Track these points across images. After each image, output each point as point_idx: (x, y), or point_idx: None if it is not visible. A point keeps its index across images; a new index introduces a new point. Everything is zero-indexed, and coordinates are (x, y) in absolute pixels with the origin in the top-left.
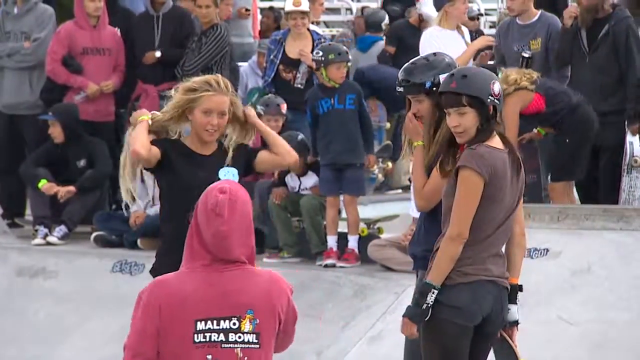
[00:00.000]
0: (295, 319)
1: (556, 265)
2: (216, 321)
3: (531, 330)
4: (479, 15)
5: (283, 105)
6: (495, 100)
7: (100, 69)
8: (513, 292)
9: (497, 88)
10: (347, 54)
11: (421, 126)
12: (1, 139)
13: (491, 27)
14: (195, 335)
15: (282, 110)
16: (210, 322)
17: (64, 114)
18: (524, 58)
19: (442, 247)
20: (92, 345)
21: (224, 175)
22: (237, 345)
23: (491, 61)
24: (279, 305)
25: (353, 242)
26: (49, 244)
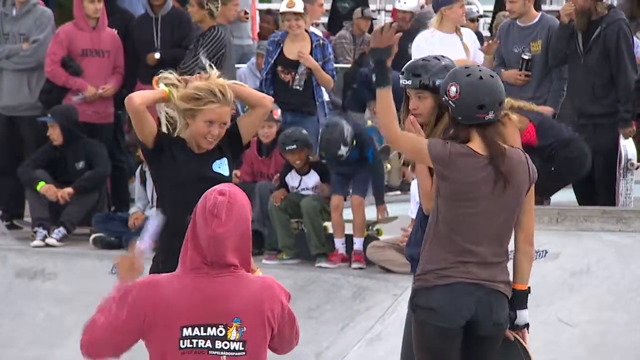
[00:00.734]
0: (293, 323)
1: (555, 266)
2: (203, 328)
3: (530, 332)
4: (479, 17)
5: (276, 111)
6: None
7: (99, 70)
8: (519, 298)
9: (454, 90)
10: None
11: (422, 132)
12: (0, 140)
13: (489, 30)
14: (180, 341)
15: (275, 116)
16: (197, 328)
17: (63, 116)
18: (523, 60)
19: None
20: None
21: (218, 168)
22: (223, 353)
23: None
24: (269, 312)
25: (359, 244)
26: (47, 245)
